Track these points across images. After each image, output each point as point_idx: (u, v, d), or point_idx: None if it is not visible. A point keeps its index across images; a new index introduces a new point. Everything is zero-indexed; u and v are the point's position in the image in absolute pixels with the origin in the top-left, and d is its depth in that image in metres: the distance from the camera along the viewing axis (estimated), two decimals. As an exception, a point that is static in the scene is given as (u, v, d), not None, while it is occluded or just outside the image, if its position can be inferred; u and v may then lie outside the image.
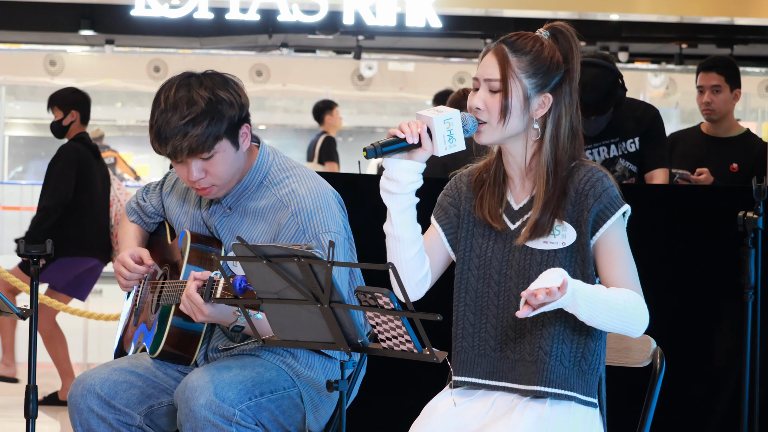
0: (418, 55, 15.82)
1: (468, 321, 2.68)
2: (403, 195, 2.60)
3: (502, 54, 2.61)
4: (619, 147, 4.83)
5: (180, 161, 3.06)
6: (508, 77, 2.60)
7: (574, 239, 2.59)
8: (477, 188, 2.73)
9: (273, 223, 3.10)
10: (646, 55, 15.62)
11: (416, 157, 2.59)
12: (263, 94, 16.22)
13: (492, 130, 2.62)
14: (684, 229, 4.09)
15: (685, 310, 4.06)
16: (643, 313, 2.57)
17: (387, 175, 2.61)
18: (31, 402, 3.21)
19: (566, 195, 2.60)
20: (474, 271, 2.69)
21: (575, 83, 2.64)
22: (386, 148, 2.57)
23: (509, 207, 2.69)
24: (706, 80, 5.30)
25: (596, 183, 2.59)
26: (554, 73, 2.62)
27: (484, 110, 2.62)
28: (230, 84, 3.09)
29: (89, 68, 15.73)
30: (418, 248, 2.66)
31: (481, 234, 2.70)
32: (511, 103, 2.60)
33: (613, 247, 2.59)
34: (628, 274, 2.60)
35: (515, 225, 2.67)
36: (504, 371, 2.64)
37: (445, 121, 2.57)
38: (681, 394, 3.93)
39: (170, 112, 3.02)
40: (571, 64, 2.64)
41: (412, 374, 3.69)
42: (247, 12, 11.98)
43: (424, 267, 2.69)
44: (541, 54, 2.61)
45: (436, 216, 2.77)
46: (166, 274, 3.24)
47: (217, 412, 2.87)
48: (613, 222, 2.59)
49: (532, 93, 2.61)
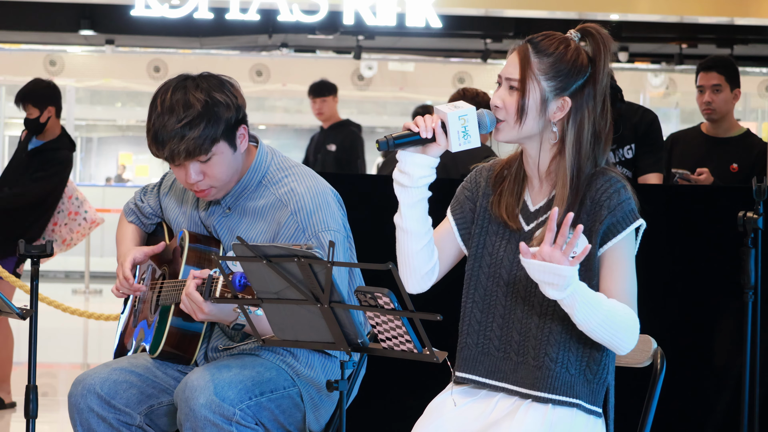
0: (418, 55, 15.83)
1: (474, 318, 2.68)
2: (415, 188, 2.60)
3: (525, 54, 2.61)
4: (616, 154, 4.84)
5: (178, 164, 3.06)
6: (527, 78, 2.59)
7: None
8: (497, 185, 2.72)
9: (272, 222, 3.10)
10: (646, 55, 15.62)
11: (430, 152, 2.59)
12: (263, 94, 16.22)
13: (509, 128, 2.62)
14: (684, 229, 4.09)
15: (685, 310, 4.06)
16: (634, 332, 2.55)
17: (399, 167, 2.61)
18: (31, 402, 3.21)
19: (583, 204, 2.59)
20: (485, 269, 2.68)
21: (601, 86, 2.61)
22: (399, 140, 2.57)
23: (525, 207, 2.68)
24: (706, 80, 5.30)
25: (613, 194, 2.57)
26: (576, 77, 2.60)
27: (502, 108, 2.62)
28: (226, 86, 3.09)
29: (89, 68, 15.73)
30: (427, 241, 2.66)
31: (495, 232, 2.69)
32: (527, 103, 2.59)
33: (617, 261, 2.58)
34: (626, 290, 2.57)
35: (530, 226, 2.66)
36: (505, 372, 2.63)
37: (460, 117, 2.56)
38: (681, 394, 3.93)
39: (167, 115, 3.02)
40: (598, 67, 2.61)
41: (412, 374, 3.69)
42: (247, 12, 11.98)
43: (432, 260, 2.69)
44: (564, 57, 2.59)
45: (452, 208, 2.76)
46: (165, 274, 3.24)
47: (217, 412, 2.87)
48: (623, 237, 2.56)
49: (550, 96, 2.59)
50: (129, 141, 19.48)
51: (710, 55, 5.90)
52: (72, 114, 15.85)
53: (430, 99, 16.46)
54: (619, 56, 14.84)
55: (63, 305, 6.18)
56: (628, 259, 2.59)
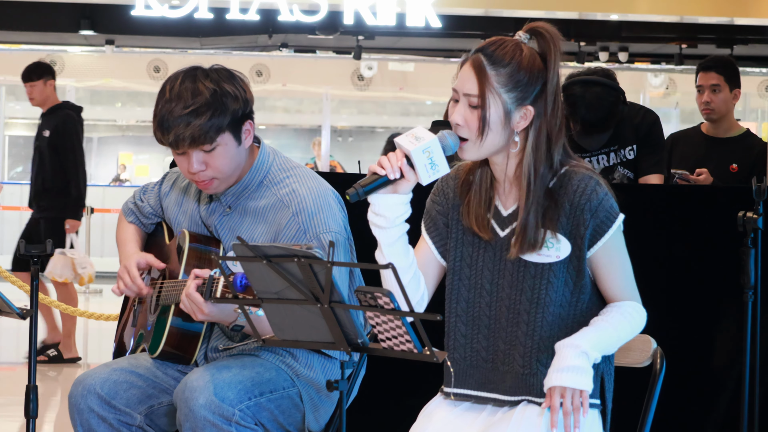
0: (418, 55, 15.83)
1: (459, 332, 2.65)
2: (393, 228, 2.55)
3: (480, 67, 2.53)
4: (618, 155, 4.84)
5: (182, 152, 3.05)
6: (486, 92, 2.52)
7: (569, 252, 2.55)
8: (464, 193, 2.67)
9: (273, 223, 3.10)
10: (646, 55, 15.63)
11: (401, 189, 2.53)
12: (263, 94, 16.23)
13: (473, 146, 2.55)
14: (684, 229, 4.09)
15: (685, 310, 4.06)
16: (640, 323, 2.59)
17: (374, 210, 2.55)
18: (31, 402, 3.22)
19: (559, 206, 2.55)
20: (465, 281, 2.65)
21: (553, 86, 2.55)
22: (368, 188, 2.51)
23: (498, 212, 2.64)
24: (706, 80, 5.30)
25: (591, 195, 2.53)
26: (535, 84, 2.54)
27: (464, 126, 2.55)
28: (236, 79, 3.10)
29: (89, 68, 15.74)
30: (412, 274, 2.62)
31: (471, 242, 2.65)
32: (490, 119, 2.53)
33: (610, 258, 2.57)
34: (626, 284, 2.59)
35: (505, 232, 2.62)
36: (495, 382, 2.62)
37: (423, 151, 2.49)
38: (681, 394, 3.93)
39: (174, 102, 3.02)
40: (549, 67, 2.55)
41: (412, 374, 3.69)
42: (247, 12, 11.99)
43: (419, 290, 2.65)
44: (521, 65, 2.53)
45: (426, 226, 2.72)
46: (165, 274, 3.24)
47: (216, 412, 2.87)
48: (610, 235, 2.56)
49: (512, 107, 2.53)
50: (129, 141, 19.48)
51: (710, 55, 5.90)
52: (72, 114, 15.83)
53: (430, 99, 16.48)
54: (619, 56, 14.85)
55: (63, 305, 6.19)
56: (620, 253, 2.59)
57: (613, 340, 2.55)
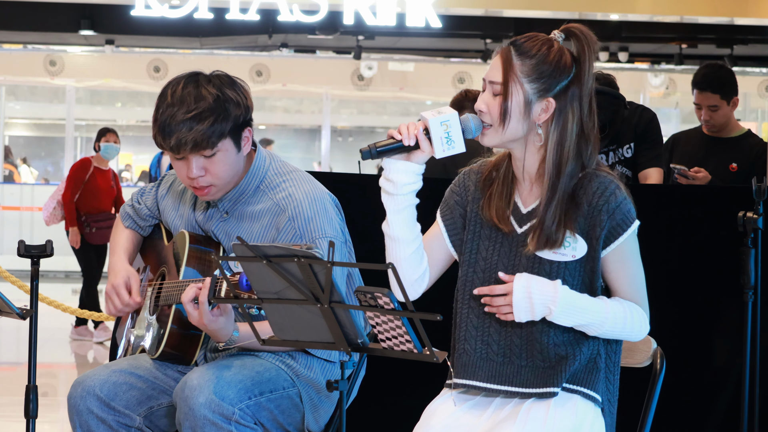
0: (418, 55, 15.84)
1: (471, 324, 2.66)
2: (400, 196, 2.59)
3: (507, 56, 2.59)
4: (616, 153, 4.85)
5: (182, 157, 3.05)
6: (510, 80, 2.57)
7: (585, 253, 2.57)
8: (486, 187, 2.70)
9: (270, 228, 3.10)
10: (646, 55, 15.63)
11: (414, 159, 2.58)
12: (263, 94, 16.23)
13: (494, 132, 2.60)
14: (684, 229, 4.09)
15: (685, 310, 4.05)
16: (638, 326, 2.60)
17: (385, 175, 2.60)
18: (31, 402, 3.21)
19: (578, 207, 2.57)
20: (479, 274, 2.66)
21: (587, 87, 2.59)
22: (382, 149, 2.56)
23: (517, 209, 2.66)
24: (702, 100, 5.25)
25: (610, 197, 2.57)
26: (560, 78, 2.58)
27: (486, 113, 2.60)
28: (237, 85, 3.11)
29: (89, 68, 15.75)
30: (415, 248, 2.65)
31: (487, 236, 2.67)
32: (510, 106, 2.57)
33: (622, 261, 2.59)
34: (636, 291, 2.60)
35: (523, 228, 2.64)
36: (507, 375, 2.62)
37: (442, 122, 2.54)
38: (681, 394, 3.93)
39: (177, 106, 3.02)
40: (583, 67, 2.59)
41: (412, 374, 3.69)
42: (247, 12, 11.99)
43: (421, 266, 2.68)
44: (546, 58, 2.57)
45: (442, 213, 2.74)
46: (164, 275, 3.24)
47: (216, 411, 2.87)
48: (625, 238, 2.57)
49: (534, 98, 2.57)
50: (129, 141, 19.46)
51: (709, 55, 5.87)
52: (72, 114, 15.86)
53: (430, 99, 16.47)
54: (619, 56, 14.85)
55: (63, 305, 6.19)
56: (633, 258, 2.60)
57: (596, 318, 2.55)
